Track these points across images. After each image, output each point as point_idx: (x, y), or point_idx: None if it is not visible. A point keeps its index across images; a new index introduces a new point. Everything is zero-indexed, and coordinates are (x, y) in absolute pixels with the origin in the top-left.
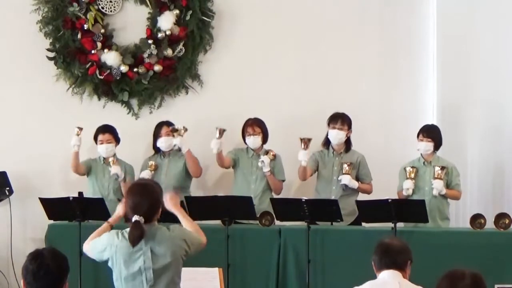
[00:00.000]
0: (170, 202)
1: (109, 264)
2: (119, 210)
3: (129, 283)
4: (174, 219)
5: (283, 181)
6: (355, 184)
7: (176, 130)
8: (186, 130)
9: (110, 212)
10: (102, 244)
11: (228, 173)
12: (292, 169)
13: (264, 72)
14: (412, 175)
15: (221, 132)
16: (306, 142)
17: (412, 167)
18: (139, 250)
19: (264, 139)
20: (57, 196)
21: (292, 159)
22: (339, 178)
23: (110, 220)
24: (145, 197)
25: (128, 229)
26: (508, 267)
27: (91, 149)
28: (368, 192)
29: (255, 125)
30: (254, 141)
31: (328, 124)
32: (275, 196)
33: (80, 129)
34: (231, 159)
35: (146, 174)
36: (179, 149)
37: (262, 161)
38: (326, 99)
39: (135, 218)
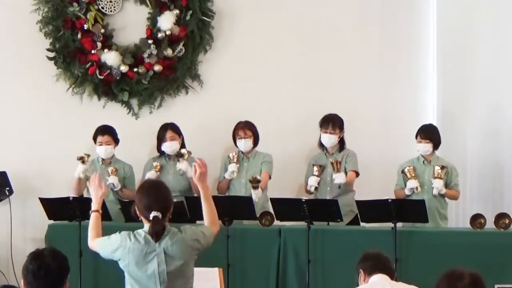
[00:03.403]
0: (199, 177)
1: (121, 265)
2: (98, 192)
3: (142, 285)
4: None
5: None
6: (343, 179)
7: (181, 155)
8: (190, 153)
9: (110, 212)
10: (112, 245)
11: None
12: (291, 169)
13: (264, 72)
14: (413, 174)
15: None
16: (319, 169)
17: (409, 166)
18: (153, 252)
19: (255, 142)
20: (57, 196)
21: (291, 159)
22: (333, 178)
23: (96, 208)
24: (158, 196)
25: (139, 231)
26: (508, 267)
27: (90, 150)
28: (352, 179)
29: (246, 128)
30: (245, 144)
31: (320, 127)
32: (263, 188)
33: (88, 156)
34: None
35: (152, 175)
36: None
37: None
38: (326, 99)
39: (154, 214)
